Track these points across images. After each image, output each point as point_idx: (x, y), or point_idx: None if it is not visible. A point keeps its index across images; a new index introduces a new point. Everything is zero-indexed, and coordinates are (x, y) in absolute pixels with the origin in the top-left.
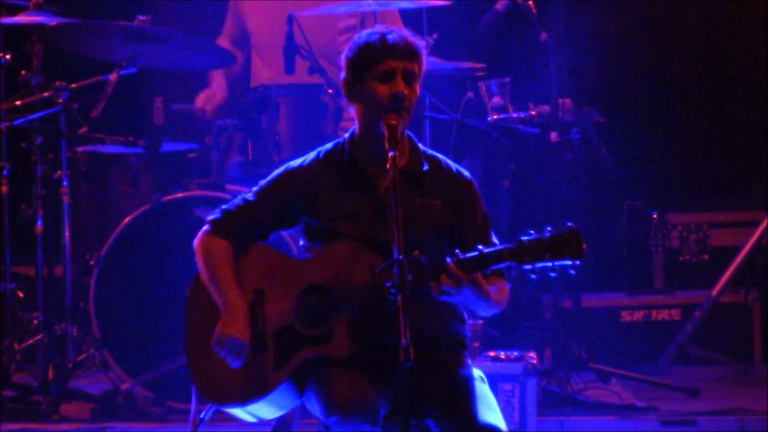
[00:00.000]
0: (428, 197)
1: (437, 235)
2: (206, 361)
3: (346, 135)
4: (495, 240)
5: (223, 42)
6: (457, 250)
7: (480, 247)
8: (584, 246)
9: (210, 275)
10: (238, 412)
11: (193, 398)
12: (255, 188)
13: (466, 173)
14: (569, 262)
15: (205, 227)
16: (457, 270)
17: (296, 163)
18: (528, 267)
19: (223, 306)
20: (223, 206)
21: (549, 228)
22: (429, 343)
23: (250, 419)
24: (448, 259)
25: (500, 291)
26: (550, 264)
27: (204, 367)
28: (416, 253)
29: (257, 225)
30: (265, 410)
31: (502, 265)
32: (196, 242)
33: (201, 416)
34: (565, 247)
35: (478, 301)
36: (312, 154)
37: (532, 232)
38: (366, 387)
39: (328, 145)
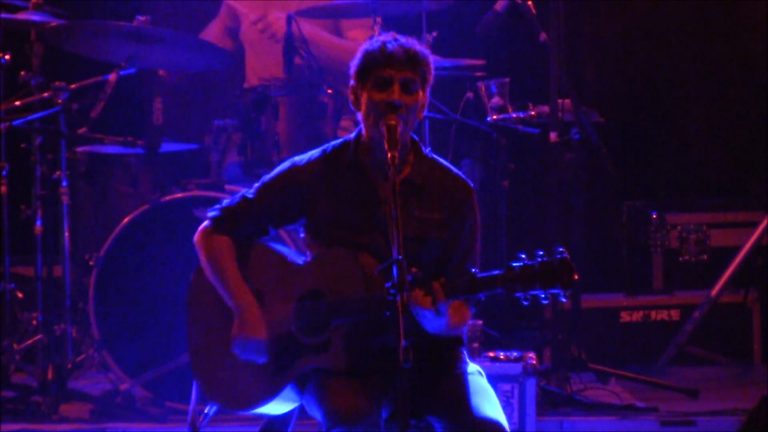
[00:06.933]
0: (428, 210)
1: (435, 249)
2: (210, 361)
3: (352, 135)
4: (476, 260)
5: (216, 27)
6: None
7: (473, 271)
8: (576, 276)
9: (215, 274)
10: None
11: (194, 394)
12: (257, 183)
13: (469, 185)
14: (560, 292)
15: (205, 223)
16: (442, 294)
17: (302, 159)
18: (519, 295)
19: (235, 307)
20: (224, 202)
21: (541, 253)
22: (427, 342)
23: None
24: (440, 279)
25: (462, 319)
26: (542, 294)
27: (208, 368)
28: (414, 269)
29: (257, 222)
30: (268, 410)
31: (492, 292)
32: (196, 238)
33: (205, 411)
34: (556, 277)
35: (440, 322)
36: (318, 150)
37: (523, 256)
38: (366, 397)
39: (337, 141)
